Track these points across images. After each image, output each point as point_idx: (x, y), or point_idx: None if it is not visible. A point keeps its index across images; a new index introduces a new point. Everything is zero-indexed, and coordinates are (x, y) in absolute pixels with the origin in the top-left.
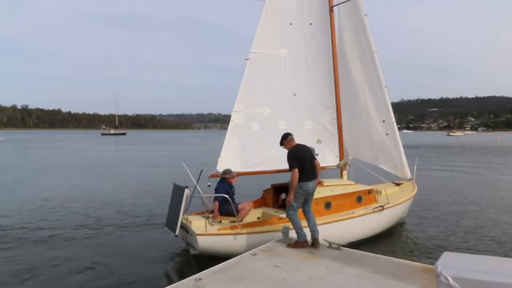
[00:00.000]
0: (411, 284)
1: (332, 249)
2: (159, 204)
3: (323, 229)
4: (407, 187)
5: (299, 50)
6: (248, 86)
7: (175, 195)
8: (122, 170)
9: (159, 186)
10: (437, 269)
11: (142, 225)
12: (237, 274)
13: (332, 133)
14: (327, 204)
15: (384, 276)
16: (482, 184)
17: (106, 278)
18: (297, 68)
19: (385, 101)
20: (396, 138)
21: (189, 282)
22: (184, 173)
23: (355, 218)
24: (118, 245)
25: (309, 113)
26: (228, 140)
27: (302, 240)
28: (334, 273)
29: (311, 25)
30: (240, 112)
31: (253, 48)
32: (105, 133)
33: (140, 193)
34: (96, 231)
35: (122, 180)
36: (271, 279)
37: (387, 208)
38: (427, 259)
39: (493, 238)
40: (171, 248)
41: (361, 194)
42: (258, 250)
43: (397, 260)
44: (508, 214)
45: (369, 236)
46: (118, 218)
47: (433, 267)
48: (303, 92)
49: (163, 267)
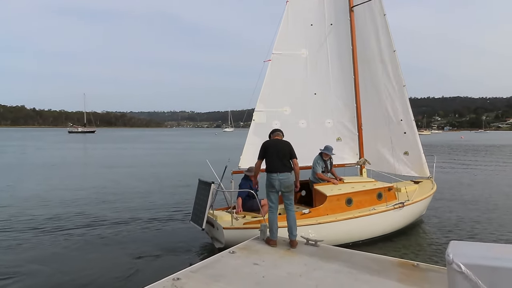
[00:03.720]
0: (387, 278)
1: (310, 245)
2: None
3: (344, 225)
4: (426, 185)
5: (319, 50)
6: (270, 86)
7: (201, 190)
8: (89, 170)
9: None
10: (449, 256)
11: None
12: (216, 272)
13: (351, 132)
14: (348, 201)
15: (361, 271)
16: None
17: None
18: (317, 68)
19: (404, 100)
20: (415, 137)
21: (166, 282)
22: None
23: (376, 215)
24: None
25: (329, 112)
26: (250, 138)
27: (270, 238)
28: (312, 269)
29: (332, 25)
30: (262, 112)
31: (275, 49)
32: (72, 131)
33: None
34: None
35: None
36: (250, 276)
37: (407, 205)
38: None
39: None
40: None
41: (381, 191)
42: (236, 248)
43: (373, 255)
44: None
45: (389, 232)
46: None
47: (409, 262)
48: (324, 91)
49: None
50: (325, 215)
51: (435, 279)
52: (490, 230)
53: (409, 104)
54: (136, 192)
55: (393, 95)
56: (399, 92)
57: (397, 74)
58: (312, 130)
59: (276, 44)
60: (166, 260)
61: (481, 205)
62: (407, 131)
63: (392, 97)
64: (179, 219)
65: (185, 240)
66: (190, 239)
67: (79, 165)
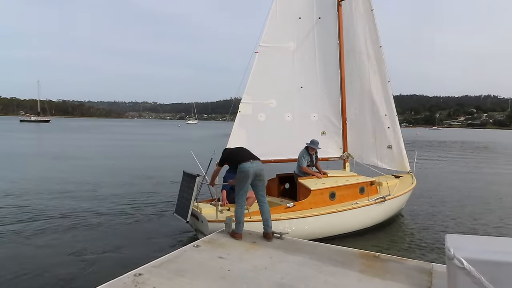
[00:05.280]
0: (351, 269)
1: (275, 238)
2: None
3: (328, 219)
4: (406, 179)
5: (307, 43)
6: (256, 78)
7: (186, 183)
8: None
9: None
10: (449, 251)
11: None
12: (180, 267)
13: (336, 126)
14: (331, 195)
15: (324, 263)
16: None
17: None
18: (304, 61)
19: (388, 95)
20: (398, 132)
21: (127, 278)
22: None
23: (358, 209)
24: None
25: (315, 106)
26: (235, 130)
27: (236, 231)
28: (278, 261)
29: (320, 19)
30: (248, 104)
31: (262, 41)
32: (24, 120)
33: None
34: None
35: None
36: (215, 270)
37: (388, 200)
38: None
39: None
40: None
41: (364, 186)
42: (201, 242)
43: (336, 247)
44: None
45: (370, 226)
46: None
47: (370, 253)
48: (310, 85)
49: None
50: (309, 208)
51: (395, 269)
52: (463, 221)
53: (392, 99)
54: (87, 185)
55: (378, 90)
56: (384, 87)
57: (382, 70)
58: (298, 124)
59: (264, 36)
60: (128, 255)
61: (453, 198)
62: (390, 125)
63: (377, 92)
64: (136, 213)
65: (150, 235)
66: (155, 233)
67: (31, 155)
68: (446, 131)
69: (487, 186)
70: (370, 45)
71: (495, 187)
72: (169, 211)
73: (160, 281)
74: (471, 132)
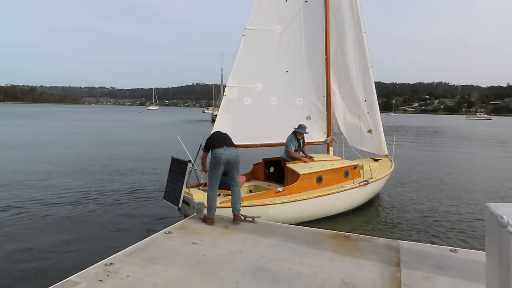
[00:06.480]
0: (323, 249)
1: (247, 222)
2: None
3: (316, 202)
4: (385, 163)
5: (293, 27)
6: (242, 61)
7: (176, 169)
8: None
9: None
10: (503, 219)
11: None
12: (153, 255)
13: (321, 111)
14: (318, 179)
15: (298, 244)
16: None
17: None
18: (290, 45)
19: (370, 81)
20: (377, 117)
21: (98, 269)
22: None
23: (344, 192)
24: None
25: (300, 90)
26: (221, 114)
27: (208, 216)
28: (252, 245)
29: (306, 2)
30: (234, 88)
31: (249, 24)
32: None
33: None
34: None
35: None
36: (189, 256)
37: (371, 182)
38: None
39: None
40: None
41: (348, 169)
42: (172, 228)
43: (308, 228)
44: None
45: (353, 208)
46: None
47: (341, 233)
48: (295, 69)
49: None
50: (298, 192)
51: (365, 247)
52: (421, 201)
53: (373, 85)
54: (40, 174)
55: (360, 75)
56: (366, 72)
57: (364, 55)
58: (283, 108)
59: (250, 19)
60: (98, 245)
61: (411, 179)
62: (370, 111)
63: (359, 77)
64: (103, 202)
65: (119, 223)
66: (124, 222)
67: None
68: (402, 116)
69: (442, 167)
70: (354, 30)
71: (447, 168)
72: (139, 198)
73: (133, 269)
74: (424, 118)
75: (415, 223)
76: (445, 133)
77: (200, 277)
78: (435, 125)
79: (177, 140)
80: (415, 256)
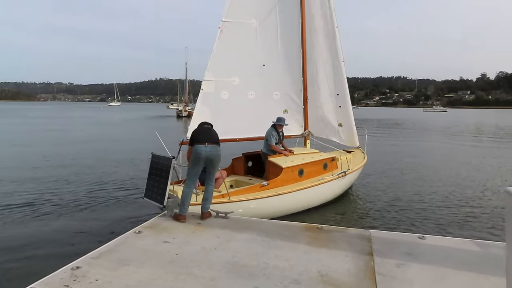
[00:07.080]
0: (298, 242)
1: (220, 218)
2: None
3: (299, 195)
4: (357, 154)
5: (269, 21)
6: (219, 55)
7: (158, 166)
8: None
9: None
10: None
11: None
12: (123, 256)
13: (298, 104)
14: (300, 172)
15: (272, 238)
16: None
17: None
18: (267, 39)
19: (342, 75)
20: (349, 110)
21: (63, 273)
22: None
23: (324, 184)
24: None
25: (277, 84)
26: (198, 108)
27: (180, 213)
28: (226, 241)
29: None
30: (211, 81)
31: (226, 17)
32: None
33: None
34: None
35: None
36: (162, 256)
37: (348, 174)
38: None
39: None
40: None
41: (326, 162)
42: (142, 227)
43: (280, 222)
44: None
45: (332, 199)
46: None
47: (314, 225)
48: (272, 63)
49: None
50: (281, 186)
51: (338, 238)
52: (392, 189)
53: (345, 79)
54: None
55: (333, 69)
56: (338, 67)
57: (337, 50)
58: (261, 102)
59: (226, 11)
60: (63, 248)
61: (377, 169)
62: (342, 105)
63: (332, 71)
64: (66, 203)
65: (85, 225)
66: (91, 223)
67: None
68: (364, 109)
69: (405, 157)
70: (328, 24)
71: (411, 158)
72: (101, 198)
73: (103, 272)
74: (385, 111)
75: (383, 212)
76: (406, 125)
77: (174, 276)
78: (395, 118)
79: (139, 137)
80: (386, 244)
